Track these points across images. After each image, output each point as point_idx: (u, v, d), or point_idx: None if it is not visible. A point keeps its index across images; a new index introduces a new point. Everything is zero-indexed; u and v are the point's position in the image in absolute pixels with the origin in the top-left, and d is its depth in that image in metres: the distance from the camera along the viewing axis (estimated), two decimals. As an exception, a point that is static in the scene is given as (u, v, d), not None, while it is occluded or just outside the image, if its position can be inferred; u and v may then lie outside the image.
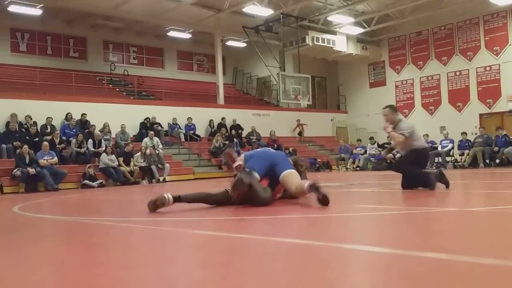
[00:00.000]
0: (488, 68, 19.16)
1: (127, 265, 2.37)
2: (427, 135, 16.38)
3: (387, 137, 17.09)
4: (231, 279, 1.94)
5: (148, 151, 14.00)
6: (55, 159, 12.16)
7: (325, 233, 3.17)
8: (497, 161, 13.94)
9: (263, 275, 1.99)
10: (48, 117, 13.98)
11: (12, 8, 16.36)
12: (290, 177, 4.76)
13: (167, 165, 14.12)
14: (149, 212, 4.51)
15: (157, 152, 14.18)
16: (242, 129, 18.61)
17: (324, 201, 4.29)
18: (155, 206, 4.55)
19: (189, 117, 17.50)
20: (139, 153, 13.91)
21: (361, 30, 20.71)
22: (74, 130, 14.22)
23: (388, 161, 16.17)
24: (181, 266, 2.27)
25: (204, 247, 2.86)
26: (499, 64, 18.83)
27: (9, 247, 3.12)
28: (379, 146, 16.71)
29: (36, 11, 16.90)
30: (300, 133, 20.24)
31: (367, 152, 16.90)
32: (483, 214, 3.85)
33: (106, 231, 3.79)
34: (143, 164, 13.72)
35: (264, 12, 18.33)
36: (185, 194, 4.71)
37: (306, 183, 4.45)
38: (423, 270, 1.92)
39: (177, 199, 4.57)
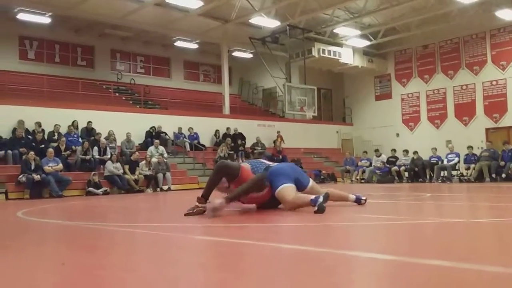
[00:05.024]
0: (494, 83, 19.13)
1: (130, 267, 2.36)
2: (436, 149, 16.34)
3: (391, 150, 17.23)
4: (233, 281, 1.92)
5: (156, 159, 14.04)
6: (60, 165, 12.19)
7: (328, 240, 3.15)
8: (503, 175, 13.85)
9: (265, 279, 1.97)
10: (56, 125, 14.05)
11: (21, 16, 16.53)
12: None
13: (168, 173, 14.10)
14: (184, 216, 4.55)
15: (165, 160, 14.21)
16: (245, 138, 18.60)
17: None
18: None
19: (190, 127, 17.51)
20: (144, 162, 13.92)
21: (367, 42, 20.77)
22: (75, 135, 14.28)
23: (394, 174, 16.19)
24: (183, 269, 2.25)
25: (206, 251, 2.85)
26: (506, 79, 18.81)
27: (12, 249, 3.11)
28: (388, 162, 16.68)
29: (45, 19, 17.08)
30: (274, 142, 19.82)
31: (372, 164, 16.85)
32: (490, 225, 3.81)
33: (109, 236, 3.78)
34: (148, 173, 13.73)
35: (270, 23, 18.43)
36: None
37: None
38: (429, 277, 1.90)
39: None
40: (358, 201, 5.34)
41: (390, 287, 1.80)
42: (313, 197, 4.60)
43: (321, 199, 4.46)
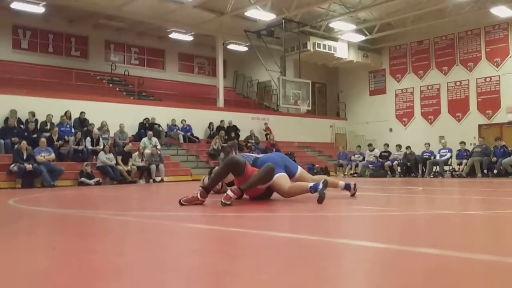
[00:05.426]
0: (488, 79, 19.22)
1: (121, 252, 2.36)
2: (429, 144, 16.44)
3: (384, 144, 17.31)
4: (223, 264, 1.93)
5: (149, 150, 14.05)
6: (52, 155, 12.13)
7: (321, 229, 3.17)
8: (495, 171, 13.94)
9: (255, 262, 1.98)
10: (48, 114, 13.97)
11: (15, 5, 16.36)
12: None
13: (161, 165, 14.09)
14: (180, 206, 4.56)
15: (158, 152, 14.21)
16: (239, 130, 18.61)
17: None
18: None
19: (183, 119, 17.48)
20: (137, 153, 13.90)
21: (363, 37, 20.77)
22: (67, 125, 14.23)
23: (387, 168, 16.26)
24: (175, 254, 2.26)
25: (197, 238, 2.86)
26: (499, 76, 18.90)
27: (3, 236, 3.10)
28: (381, 156, 16.77)
29: (39, 9, 16.91)
30: (267, 136, 19.86)
31: (365, 159, 16.92)
32: (480, 217, 3.85)
33: (101, 223, 3.78)
34: (141, 164, 13.71)
35: (266, 16, 18.37)
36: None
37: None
38: (418, 264, 1.91)
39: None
40: (348, 187, 5.35)
41: (378, 270, 1.82)
42: (311, 184, 4.62)
43: (321, 186, 4.48)
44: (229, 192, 4.48)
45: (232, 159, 4.89)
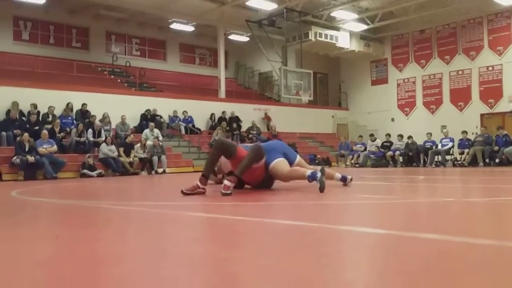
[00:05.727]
0: (490, 68, 19.12)
1: (124, 240, 2.37)
2: (430, 134, 16.42)
3: (386, 134, 17.28)
4: (224, 251, 1.94)
5: (151, 142, 14.06)
6: (54, 147, 12.15)
7: (320, 216, 3.18)
8: (497, 160, 13.93)
9: (256, 249, 1.99)
10: (50, 106, 13.97)
11: (16, -3, 16.34)
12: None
13: (163, 156, 14.11)
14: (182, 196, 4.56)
15: (160, 143, 14.22)
16: (241, 121, 18.61)
17: None
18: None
19: (185, 111, 17.47)
20: (139, 144, 13.92)
21: (365, 27, 20.64)
22: (69, 117, 14.24)
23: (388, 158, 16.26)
24: (176, 241, 2.27)
25: (198, 226, 2.88)
26: (502, 64, 18.80)
27: (6, 225, 3.11)
28: (382, 146, 16.76)
29: (40, 0, 16.86)
30: (268, 125, 19.83)
31: (367, 149, 16.92)
32: (481, 204, 3.85)
33: (103, 213, 3.80)
34: (143, 155, 13.73)
35: (267, 6, 18.28)
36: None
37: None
38: (418, 249, 1.92)
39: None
40: (344, 179, 5.37)
41: (380, 255, 1.82)
42: (309, 172, 4.63)
43: (319, 174, 4.49)
44: (226, 181, 4.50)
45: (221, 141, 5.02)
